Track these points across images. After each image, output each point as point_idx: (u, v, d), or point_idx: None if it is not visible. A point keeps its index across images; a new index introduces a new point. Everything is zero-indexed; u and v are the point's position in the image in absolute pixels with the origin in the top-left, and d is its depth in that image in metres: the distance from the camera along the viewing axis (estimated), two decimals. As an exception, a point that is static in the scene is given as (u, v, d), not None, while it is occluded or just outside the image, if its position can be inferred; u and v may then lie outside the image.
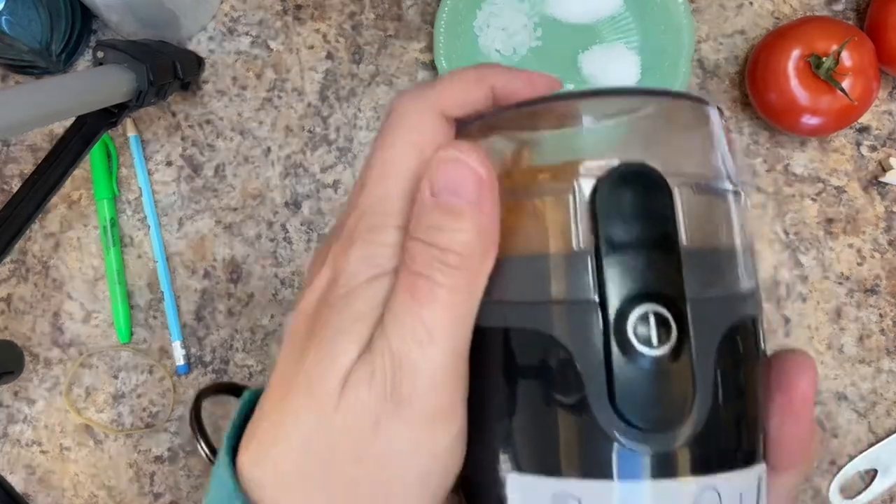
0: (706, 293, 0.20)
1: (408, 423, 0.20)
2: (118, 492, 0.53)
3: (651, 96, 0.21)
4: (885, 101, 0.54)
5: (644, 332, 0.19)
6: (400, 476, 0.21)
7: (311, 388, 0.21)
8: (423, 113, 0.22)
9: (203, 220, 0.54)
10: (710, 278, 0.20)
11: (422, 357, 0.20)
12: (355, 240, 0.22)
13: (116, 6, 0.49)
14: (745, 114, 0.54)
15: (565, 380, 0.19)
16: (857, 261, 0.53)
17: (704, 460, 0.19)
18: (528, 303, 0.20)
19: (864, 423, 0.52)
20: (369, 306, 0.21)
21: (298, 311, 0.23)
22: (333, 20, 0.55)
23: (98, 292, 0.54)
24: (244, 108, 0.55)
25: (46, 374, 0.53)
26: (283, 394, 0.22)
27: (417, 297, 0.20)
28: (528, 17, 0.55)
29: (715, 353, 0.19)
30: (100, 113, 0.47)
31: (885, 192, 0.54)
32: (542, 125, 0.22)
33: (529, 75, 0.24)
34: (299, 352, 0.22)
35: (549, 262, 0.20)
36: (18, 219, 0.46)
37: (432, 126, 0.22)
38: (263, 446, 0.22)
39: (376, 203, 0.22)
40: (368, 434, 0.20)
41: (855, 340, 0.53)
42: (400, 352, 0.20)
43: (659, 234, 0.19)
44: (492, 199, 0.20)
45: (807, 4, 0.55)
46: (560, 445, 0.20)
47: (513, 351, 0.21)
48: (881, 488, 0.52)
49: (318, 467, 0.21)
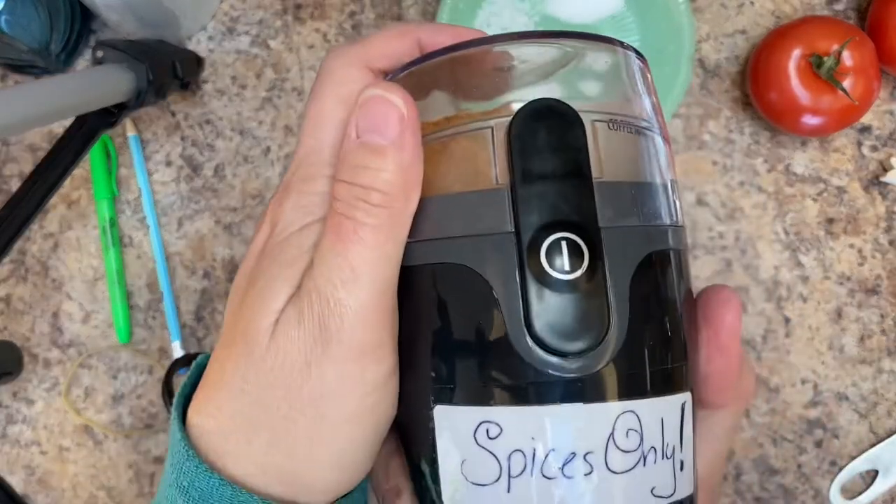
0: (620, 222, 0.20)
1: (337, 361, 0.20)
2: (118, 492, 0.53)
3: (565, 39, 0.22)
4: (886, 100, 0.54)
5: (558, 259, 0.19)
6: (333, 413, 0.21)
7: (246, 334, 0.21)
8: (350, 66, 0.23)
9: (203, 220, 0.54)
10: (624, 209, 0.20)
11: (347, 295, 0.20)
12: (290, 191, 0.23)
13: (116, 6, 0.49)
14: (745, 114, 0.54)
15: (485, 310, 0.20)
16: (857, 261, 0.53)
17: (622, 384, 0.20)
18: (450, 238, 0.21)
19: (865, 423, 0.52)
20: (300, 251, 0.22)
21: (242, 265, 0.23)
22: (333, 19, 0.55)
23: (97, 292, 0.54)
24: (244, 108, 0.55)
25: (46, 375, 0.53)
26: (224, 343, 0.22)
27: (342, 236, 0.20)
28: (529, 17, 0.55)
29: (630, 281, 0.20)
30: (99, 113, 0.47)
31: (886, 192, 0.54)
32: (464, 70, 0.22)
33: (456, 29, 0.24)
34: (239, 301, 0.22)
35: (470, 198, 0.20)
36: (18, 219, 0.46)
37: (359, 78, 0.23)
38: (206, 395, 0.22)
39: (309, 154, 0.23)
40: (300, 373, 0.20)
41: (856, 341, 0.53)
42: (326, 291, 0.20)
43: (570, 165, 0.20)
44: (413, 137, 0.20)
45: (808, 4, 0.55)
46: (481, 374, 0.20)
47: (436, 286, 0.21)
48: (882, 489, 0.52)
49: (255, 409, 0.21)
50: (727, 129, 0.54)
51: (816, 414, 0.52)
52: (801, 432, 0.52)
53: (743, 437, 0.52)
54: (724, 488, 0.52)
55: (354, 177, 0.20)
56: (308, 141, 0.23)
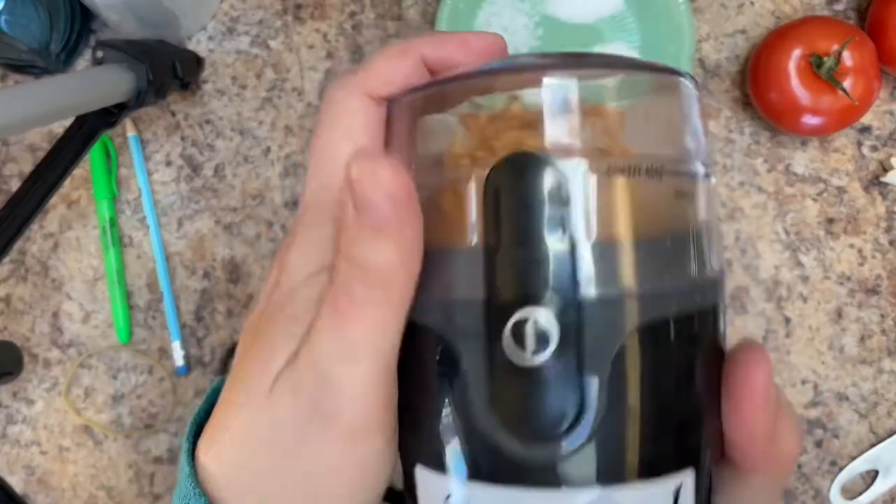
0: (610, 291, 0.18)
1: (334, 440, 0.20)
2: (118, 492, 0.53)
3: (605, 68, 0.19)
4: (886, 100, 0.54)
5: (528, 337, 0.17)
6: (328, 489, 0.21)
7: (248, 388, 0.21)
8: (351, 98, 0.22)
9: (203, 220, 0.54)
10: (617, 275, 0.18)
11: (344, 373, 0.19)
12: (296, 237, 0.22)
13: (116, 6, 0.49)
14: (745, 114, 0.54)
15: (457, 382, 0.19)
16: (858, 261, 0.53)
17: (599, 469, 0.18)
18: (431, 299, 0.19)
19: (865, 423, 0.52)
20: (305, 307, 0.21)
21: (254, 310, 0.23)
22: (333, 20, 0.55)
23: (97, 292, 0.54)
24: (244, 108, 0.55)
25: (46, 375, 0.53)
26: (230, 386, 0.22)
27: (341, 313, 0.19)
28: (529, 17, 0.55)
29: (613, 359, 0.18)
30: (99, 113, 0.47)
31: (887, 193, 0.54)
32: (458, 103, 0.20)
33: (461, 38, 0.22)
34: (247, 348, 0.22)
35: (450, 257, 0.19)
36: (18, 219, 0.46)
37: (361, 110, 0.22)
38: (212, 435, 0.22)
39: (313, 196, 0.22)
40: (294, 446, 0.20)
41: (856, 341, 0.53)
42: (323, 368, 0.20)
43: (544, 231, 0.17)
44: (409, 213, 0.19)
45: (808, 4, 0.55)
46: (453, 446, 0.19)
47: (411, 345, 0.20)
48: (882, 489, 0.52)
49: (251, 465, 0.21)
50: (727, 128, 0.54)
51: (816, 414, 0.52)
52: (801, 432, 0.52)
53: (743, 437, 0.52)
54: (725, 488, 0.52)
55: (353, 254, 0.19)
56: (312, 182, 0.22)
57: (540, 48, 0.54)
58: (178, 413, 0.53)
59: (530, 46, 0.54)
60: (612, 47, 0.54)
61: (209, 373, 0.53)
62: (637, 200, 0.18)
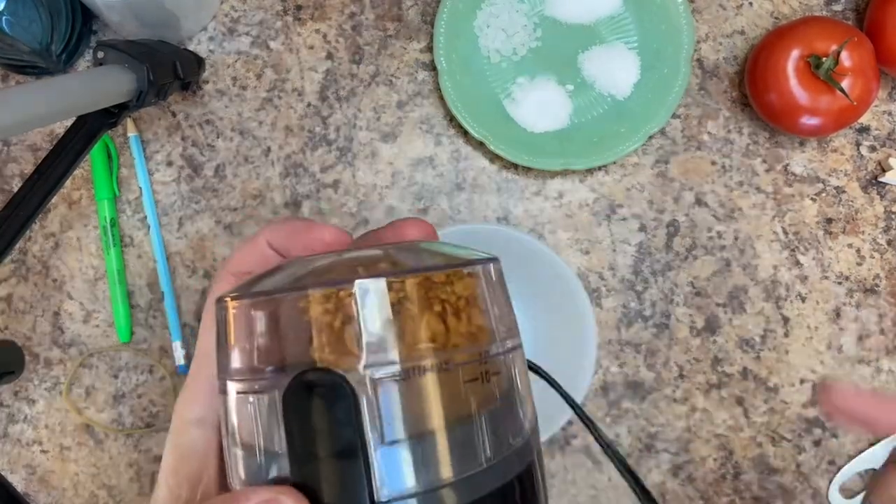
0: (406, 490, 0.18)
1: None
2: (118, 491, 0.53)
3: (398, 275, 0.19)
4: (884, 101, 0.54)
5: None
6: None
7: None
8: (219, 277, 0.26)
9: (203, 219, 0.54)
10: (416, 473, 0.18)
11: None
12: (171, 434, 0.25)
13: (117, 6, 0.49)
14: (744, 114, 0.54)
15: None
16: (856, 261, 0.53)
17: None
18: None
19: (864, 422, 0.53)
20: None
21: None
22: (333, 20, 0.55)
23: (98, 292, 0.54)
24: (244, 108, 0.55)
25: (47, 374, 0.53)
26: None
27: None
28: (528, 18, 0.55)
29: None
30: (100, 113, 0.47)
31: (885, 192, 0.54)
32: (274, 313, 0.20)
33: (291, 229, 0.25)
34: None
35: (264, 460, 0.19)
36: (19, 219, 0.46)
37: (222, 286, 0.25)
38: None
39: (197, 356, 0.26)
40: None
41: (854, 340, 0.53)
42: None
43: (339, 445, 0.18)
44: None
45: (806, 5, 0.55)
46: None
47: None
48: (880, 488, 0.52)
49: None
50: (726, 129, 0.54)
51: (815, 413, 0.53)
52: (800, 431, 0.53)
53: (742, 436, 0.53)
54: (724, 487, 0.52)
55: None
56: (201, 343, 0.26)
57: (539, 48, 0.55)
58: (179, 412, 0.53)
59: (529, 47, 0.55)
60: (611, 47, 0.54)
61: (209, 372, 0.53)
62: (443, 392, 0.19)
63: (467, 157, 0.54)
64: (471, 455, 0.19)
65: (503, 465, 0.20)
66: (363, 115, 0.55)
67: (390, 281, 0.19)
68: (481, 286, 0.21)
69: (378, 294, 0.19)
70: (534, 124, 0.54)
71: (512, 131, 0.53)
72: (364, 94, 0.55)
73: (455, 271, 0.20)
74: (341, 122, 0.55)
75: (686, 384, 0.53)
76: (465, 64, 0.54)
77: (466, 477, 0.19)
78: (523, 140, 0.53)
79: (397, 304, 0.19)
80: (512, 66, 0.55)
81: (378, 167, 0.54)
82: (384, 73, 0.55)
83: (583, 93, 0.54)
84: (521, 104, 0.54)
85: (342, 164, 0.54)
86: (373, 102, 0.55)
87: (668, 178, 0.54)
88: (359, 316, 0.18)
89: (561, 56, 0.55)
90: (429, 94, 0.55)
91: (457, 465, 0.19)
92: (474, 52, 0.54)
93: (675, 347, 0.53)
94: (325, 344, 0.18)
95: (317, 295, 0.19)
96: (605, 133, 0.53)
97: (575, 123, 0.54)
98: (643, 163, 0.54)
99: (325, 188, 0.54)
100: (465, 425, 0.19)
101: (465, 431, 0.19)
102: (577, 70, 0.54)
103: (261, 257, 0.25)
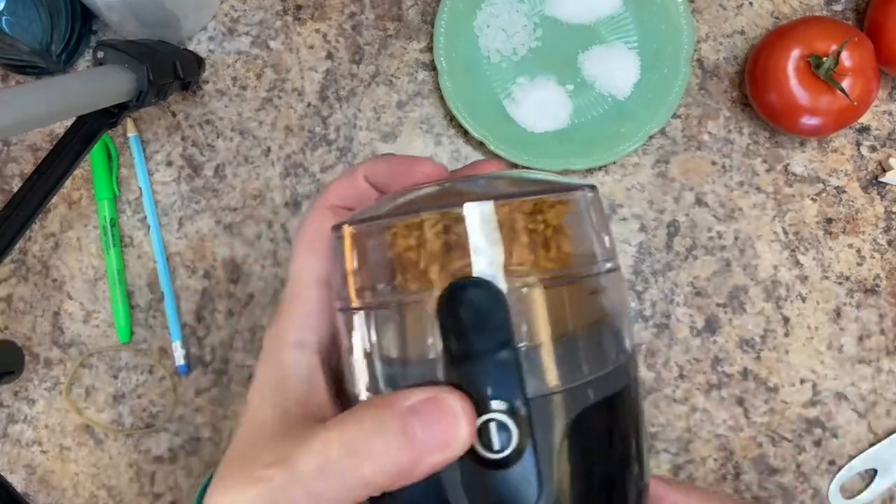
0: (550, 389, 0.21)
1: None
2: (118, 492, 0.53)
3: (519, 197, 0.21)
4: (884, 101, 0.54)
5: (488, 437, 0.20)
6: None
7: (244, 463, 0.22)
8: (314, 210, 0.26)
9: (203, 220, 0.54)
10: (555, 373, 0.21)
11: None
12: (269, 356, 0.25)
13: (117, 6, 0.49)
14: (744, 114, 0.54)
15: (433, 486, 0.20)
16: (856, 261, 0.53)
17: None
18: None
19: (864, 422, 0.53)
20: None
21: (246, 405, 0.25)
22: (333, 20, 0.55)
23: (98, 292, 0.54)
24: (244, 108, 0.55)
25: (47, 374, 0.53)
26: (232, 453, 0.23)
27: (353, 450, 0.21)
28: (528, 18, 0.55)
29: (561, 446, 0.20)
30: (100, 113, 0.47)
31: (885, 192, 0.54)
32: (399, 234, 0.22)
33: (393, 162, 0.26)
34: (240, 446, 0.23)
35: (412, 368, 0.21)
36: (19, 219, 0.46)
37: (318, 218, 0.26)
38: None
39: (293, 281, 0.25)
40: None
41: (855, 340, 0.53)
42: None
43: (494, 345, 0.20)
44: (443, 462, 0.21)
45: (806, 5, 0.55)
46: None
47: None
48: (881, 488, 0.52)
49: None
50: (726, 129, 0.54)
51: (815, 413, 0.53)
52: (800, 431, 0.53)
53: (742, 436, 0.53)
54: (724, 487, 0.52)
55: (367, 437, 0.20)
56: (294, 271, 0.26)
57: (539, 48, 0.55)
58: (179, 412, 0.53)
59: (529, 47, 0.55)
60: (611, 47, 0.54)
61: (210, 372, 0.53)
62: (562, 305, 0.21)
63: (467, 158, 0.54)
64: (601, 358, 0.22)
65: (627, 366, 0.23)
66: (363, 115, 0.55)
67: (529, 201, 0.21)
68: (587, 209, 0.23)
69: (516, 213, 0.21)
70: (534, 124, 0.54)
71: (512, 131, 0.53)
72: (364, 94, 0.55)
73: (565, 195, 0.22)
74: (341, 122, 0.55)
75: (686, 384, 0.53)
76: (465, 64, 0.54)
77: (602, 375, 0.22)
78: (523, 140, 0.53)
79: (533, 224, 0.21)
80: (512, 66, 0.55)
81: (378, 167, 0.54)
82: (384, 73, 0.55)
83: (583, 93, 0.54)
84: (521, 104, 0.54)
85: (342, 164, 0.54)
86: (373, 102, 0.55)
87: (668, 178, 0.54)
88: (515, 230, 0.21)
89: (561, 56, 0.55)
90: (429, 94, 0.55)
91: (591, 365, 0.21)
92: (474, 52, 0.54)
93: (676, 347, 0.53)
94: (461, 259, 0.20)
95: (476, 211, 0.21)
96: (605, 133, 0.53)
97: (575, 123, 0.54)
98: (643, 163, 0.54)
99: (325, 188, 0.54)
100: (591, 332, 0.22)
101: (591, 337, 0.22)
102: (577, 70, 0.54)
103: (358, 191, 0.26)
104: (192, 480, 0.53)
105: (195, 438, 0.53)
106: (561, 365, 0.21)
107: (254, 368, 0.25)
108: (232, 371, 0.53)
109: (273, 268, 0.54)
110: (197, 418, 0.53)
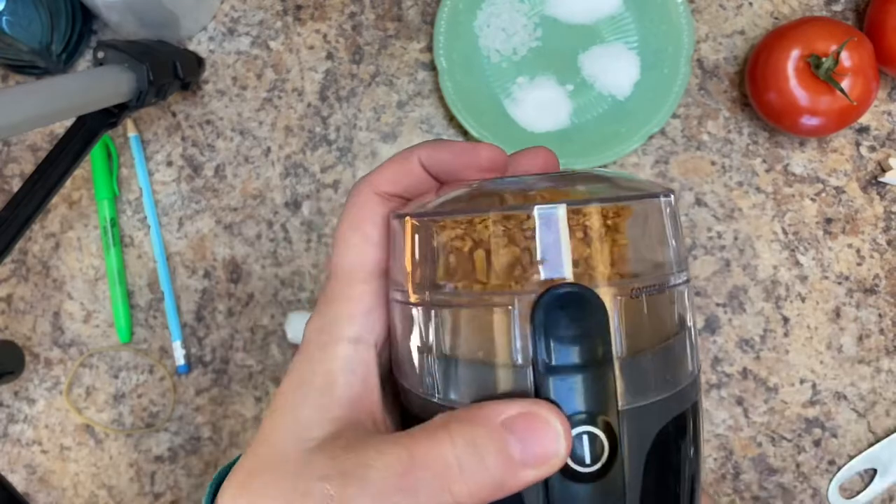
0: (640, 401, 0.20)
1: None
2: (118, 491, 0.53)
3: (597, 203, 0.20)
4: (884, 101, 0.54)
5: (580, 451, 0.19)
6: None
7: (275, 454, 0.21)
8: (362, 194, 0.24)
9: (203, 220, 0.54)
10: (645, 384, 0.20)
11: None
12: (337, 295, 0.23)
13: (117, 6, 0.49)
14: (744, 114, 0.54)
15: (513, 500, 0.20)
16: (856, 261, 0.53)
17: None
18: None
19: (864, 422, 0.53)
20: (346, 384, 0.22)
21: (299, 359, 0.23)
22: (333, 20, 0.55)
23: (98, 292, 0.54)
24: (244, 109, 0.55)
25: (47, 374, 0.53)
26: (257, 445, 0.22)
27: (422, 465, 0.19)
28: (528, 18, 0.55)
29: (645, 459, 0.20)
30: (100, 113, 0.47)
31: (885, 192, 0.54)
32: (472, 225, 0.21)
33: (455, 149, 0.24)
34: (269, 427, 0.22)
35: (494, 372, 0.20)
36: (19, 219, 0.46)
37: (368, 205, 0.23)
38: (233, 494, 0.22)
39: (340, 268, 0.23)
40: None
41: (854, 340, 0.53)
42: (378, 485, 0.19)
43: (592, 355, 0.20)
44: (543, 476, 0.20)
45: (806, 5, 0.55)
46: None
47: None
48: (880, 488, 0.52)
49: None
50: (726, 129, 0.54)
51: (815, 413, 0.53)
52: (800, 431, 0.53)
53: (742, 436, 0.53)
54: (724, 487, 0.52)
55: (468, 452, 0.19)
56: (336, 267, 0.24)
57: (539, 48, 0.55)
58: (179, 412, 0.53)
59: (529, 47, 0.55)
60: (611, 47, 0.54)
61: (210, 372, 0.53)
62: (650, 315, 0.21)
63: (467, 157, 0.54)
64: (682, 369, 0.21)
65: (698, 377, 0.22)
66: (363, 115, 0.55)
67: (626, 206, 0.21)
68: (667, 216, 0.22)
69: (611, 218, 0.20)
70: (534, 124, 0.54)
71: (512, 131, 0.53)
72: (364, 94, 0.55)
73: (650, 201, 0.21)
74: (341, 122, 0.55)
75: (686, 384, 0.53)
76: (465, 64, 0.54)
77: (685, 386, 0.21)
78: (523, 140, 0.53)
79: (621, 230, 0.21)
80: (512, 66, 0.55)
81: (378, 167, 0.54)
82: (384, 73, 0.55)
83: (583, 93, 0.54)
84: (521, 104, 0.54)
85: (342, 164, 0.54)
86: (373, 102, 0.55)
87: (668, 178, 0.54)
88: (602, 236, 0.20)
89: (561, 56, 0.55)
90: (429, 94, 0.55)
91: (675, 376, 0.21)
92: (474, 52, 0.54)
93: (675, 347, 0.53)
94: (560, 263, 0.20)
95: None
96: (605, 133, 0.53)
97: (575, 123, 0.54)
98: (643, 163, 0.54)
99: (325, 188, 0.54)
100: (676, 342, 0.21)
101: (676, 347, 0.21)
102: (577, 70, 0.54)
103: (413, 177, 0.24)
104: (193, 480, 0.53)
105: (195, 438, 0.53)
106: (649, 376, 0.20)
107: (289, 363, 0.24)
108: (232, 371, 0.53)
109: (273, 268, 0.54)
110: (197, 418, 0.53)
